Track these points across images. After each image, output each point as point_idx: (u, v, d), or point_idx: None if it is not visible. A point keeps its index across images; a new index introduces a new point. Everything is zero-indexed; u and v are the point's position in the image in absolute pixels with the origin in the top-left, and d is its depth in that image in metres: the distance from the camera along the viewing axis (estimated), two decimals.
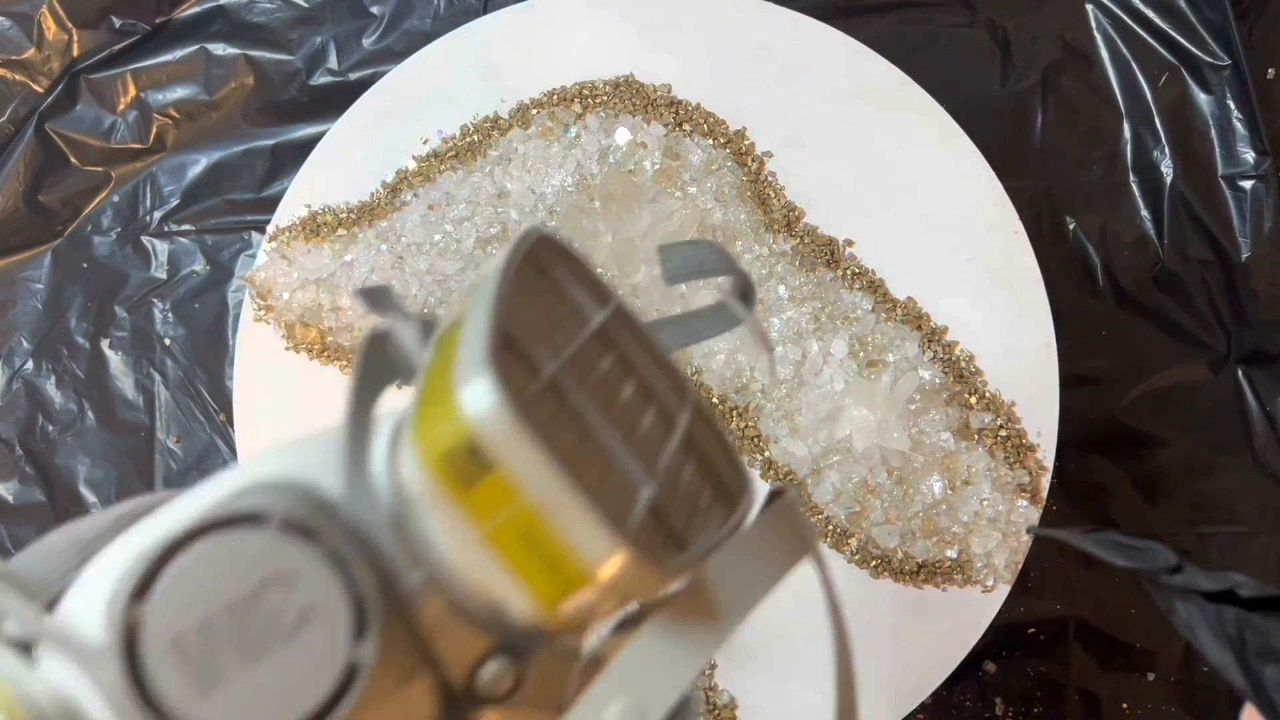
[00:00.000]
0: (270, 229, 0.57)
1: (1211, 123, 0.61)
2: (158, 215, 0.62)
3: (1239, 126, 0.61)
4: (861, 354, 0.55)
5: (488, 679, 0.21)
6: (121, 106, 0.63)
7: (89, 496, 0.59)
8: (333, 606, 0.20)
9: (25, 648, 0.21)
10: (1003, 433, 0.54)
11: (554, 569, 0.20)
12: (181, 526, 0.20)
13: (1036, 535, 0.36)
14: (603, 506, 0.19)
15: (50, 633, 0.20)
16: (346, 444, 0.21)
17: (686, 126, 0.58)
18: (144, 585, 0.19)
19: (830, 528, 0.55)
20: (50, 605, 0.22)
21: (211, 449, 0.60)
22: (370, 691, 0.20)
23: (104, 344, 0.61)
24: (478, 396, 0.19)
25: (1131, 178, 0.61)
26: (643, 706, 0.20)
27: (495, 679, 0.22)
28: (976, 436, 0.55)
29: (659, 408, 0.24)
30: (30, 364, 0.61)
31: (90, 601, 0.21)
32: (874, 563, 0.54)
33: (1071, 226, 0.61)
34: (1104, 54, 0.62)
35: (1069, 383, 0.56)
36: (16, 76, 0.63)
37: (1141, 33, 0.62)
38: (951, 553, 0.54)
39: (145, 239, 0.62)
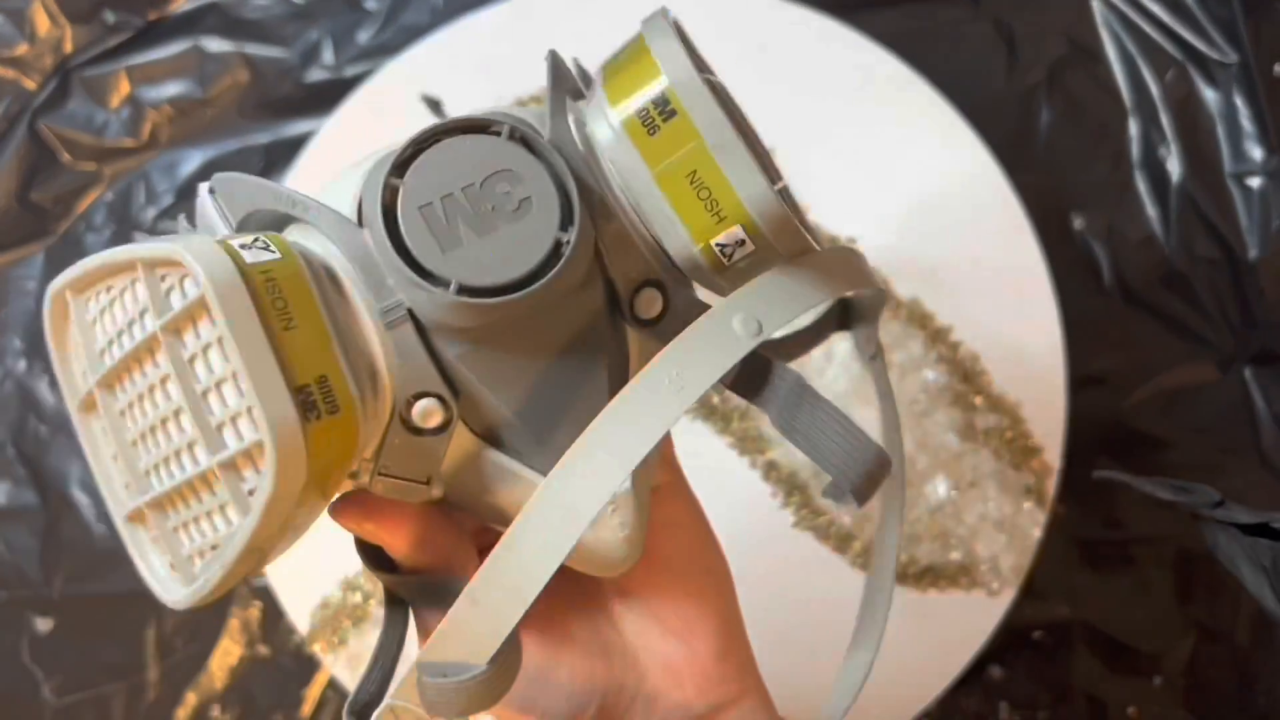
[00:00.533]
0: None
1: (1219, 120, 0.61)
2: (151, 212, 0.61)
3: (1246, 124, 0.60)
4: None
5: (643, 299, 0.27)
6: (115, 103, 0.62)
7: (81, 499, 0.58)
8: (547, 199, 0.25)
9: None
10: (1009, 434, 0.54)
11: (711, 206, 0.25)
12: (432, 126, 0.25)
13: (1096, 480, 0.42)
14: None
15: (317, 205, 0.25)
16: (550, 101, 0.27)
17: None
18: (401, 167, 0.25)
19: (833, 530, 0.54)
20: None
21: None
22: (567, 274, 0.25)
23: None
24: (671, 53, 0.25)
25: (1138, 175, 0.60)
26: (760, 319, 0.26)
27: (648, 301, 0.27)
28: (982, 437, 0.54)
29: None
30: (23, 364, 0.60)
31: (338, 196, 0.26)
32: None
33: (1077, 225, 0.60)
34: (1110, 50, 0.61)
35: (1074, 383, 0.56)
36: (8, 73, 0.62)
37: (1147, 29, 0.61)
38: (957, 556, 0.53)
39: (139, 237, 0.61)
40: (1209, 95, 0.61)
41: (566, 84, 0.28)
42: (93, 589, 0.58)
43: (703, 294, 0.29)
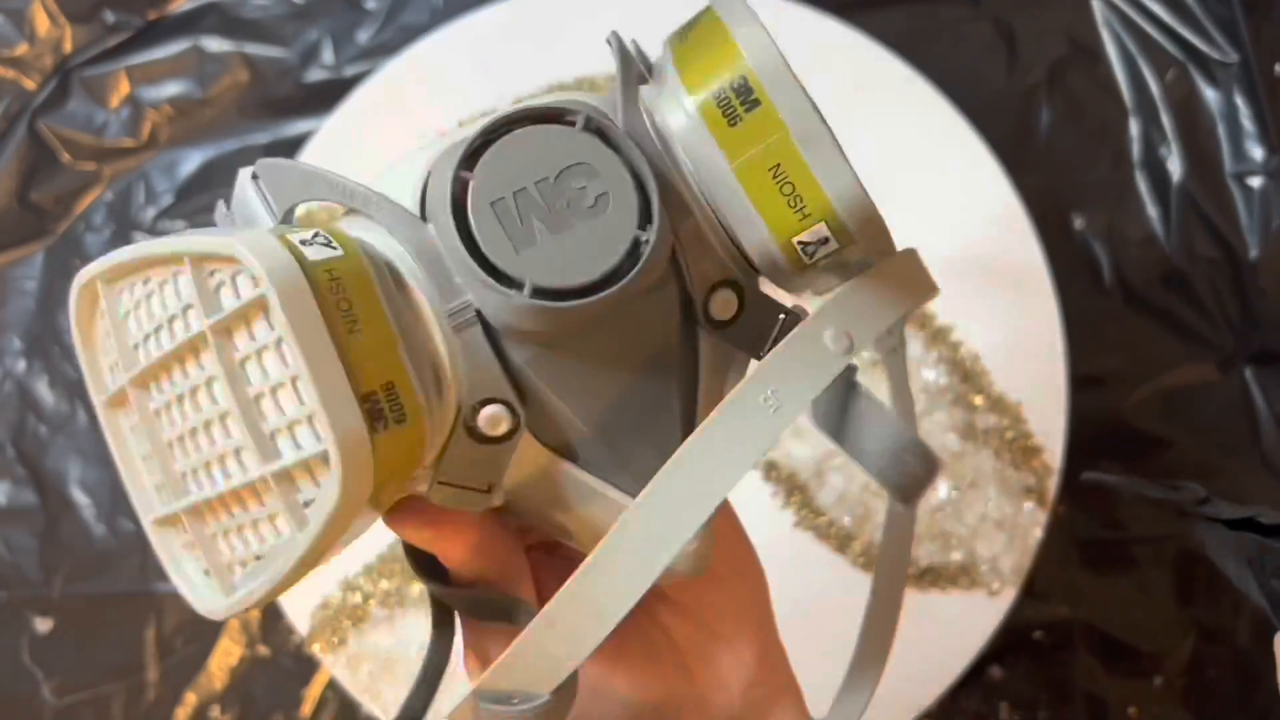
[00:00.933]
0: None
1: (1219, 119, 0.60)
2: (151, 213, 0.61)
3: (1247, 123, 0.60)
4: (865, 353, 0.54)
5: (718, 301, 0.26)
6: (114, 103, 0.62)
7: (80, 498, 0.58)
8: (624, 195, 0.24)
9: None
10: (1009, 434, 0.54)
11: (795, 202, 0.24)
12: (503, 115, 0.24)
13: (1086, 483, 0.42)
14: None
15: (378, 197, 0.24)
16: (621, 88, 0.25)
17: None
18: (471, 158, 0.23)
19: (833, 530, 0.54)
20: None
21: None
22: (646, 274, 0.24)
23: None
24: (755, 37, 0.23)
25: (1138, 175, 0.60)
26: (850, 333, 0.25)
27: (723, 302, 0.26)
28: (982, 437, 0.54)
29: None
30: (22, 364, 0.60)
31: (396, 186, 0.24)
32: None
33: (1078, 225, 0.60)
34: (1110, 50, 0.61)
35: (1075, 383, 0.56)
36: (8, 73, 0.62)
37: (1148, 28, 0.61)
38: (957, 556, 0.53)
39: (138, 237, 0.61)
40: (1209, 95, 0.61)
41: (634, 68, 0.26)
42: (93, 589, 0.58)
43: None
